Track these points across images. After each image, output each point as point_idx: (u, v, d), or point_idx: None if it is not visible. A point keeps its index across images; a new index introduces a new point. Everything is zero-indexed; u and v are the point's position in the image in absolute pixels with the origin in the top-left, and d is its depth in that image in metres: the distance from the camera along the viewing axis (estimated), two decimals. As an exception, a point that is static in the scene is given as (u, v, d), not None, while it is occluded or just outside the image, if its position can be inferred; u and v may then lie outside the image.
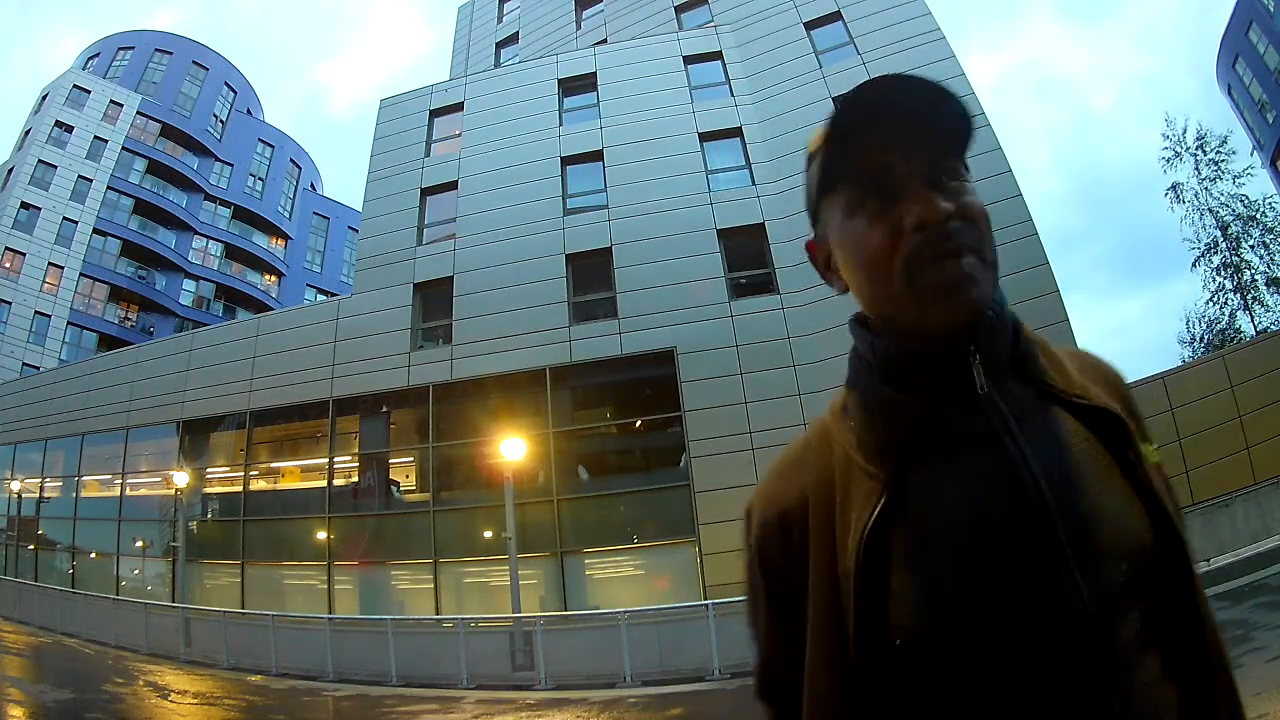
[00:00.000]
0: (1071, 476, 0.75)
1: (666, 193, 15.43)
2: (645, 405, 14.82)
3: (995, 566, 0.72)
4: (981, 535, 0.73)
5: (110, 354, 21.92)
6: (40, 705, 8.92)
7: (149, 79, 35.15)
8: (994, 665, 0.71)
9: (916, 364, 0.78)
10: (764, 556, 0.83)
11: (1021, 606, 0.70)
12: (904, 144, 0.76)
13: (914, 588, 0.72)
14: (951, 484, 0.75)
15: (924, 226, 0.74)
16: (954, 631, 0.71)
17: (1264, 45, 28.89)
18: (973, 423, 0.76)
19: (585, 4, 23.24)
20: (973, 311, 0.75)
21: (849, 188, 0.79)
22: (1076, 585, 0.71)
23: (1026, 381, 0.80)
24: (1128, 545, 0.74)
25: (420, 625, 12.76)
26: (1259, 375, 12.58)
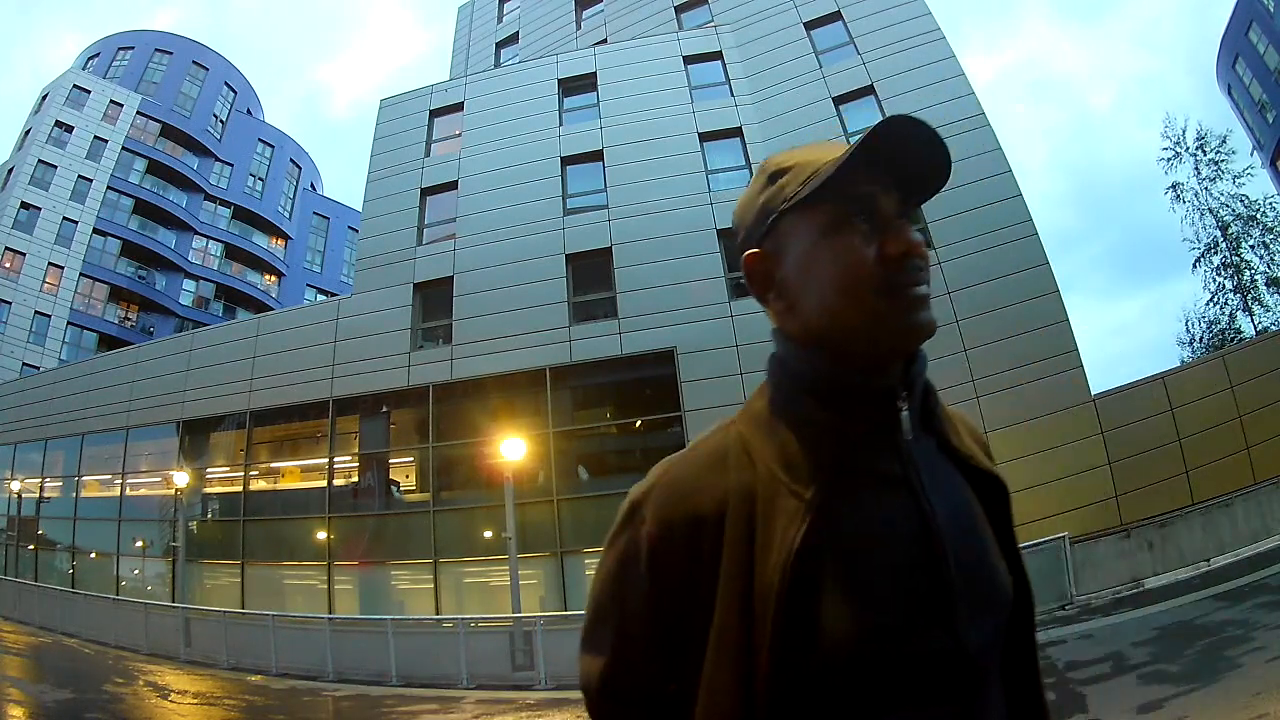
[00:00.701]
0: (964, 529, 0.83)
1: (666, 193, 15.43)
2: (645, 405, 14.82)
3: (905, 603, 0.77)
4: (895, 572, 0.77)
5: (110, 354, 21.92)
6: (40, 705, 8.92)
7: (149, 79, 35.15)
8: (893, 693, 0.76)
9: (852, 394, 0.82)
10: (660, 555, 0.80)
11: (923, 642, 0.76)
12: (897, 180, 0.81)
13: (839, 613, 0.74)
14: (871, 518, 0.79)
15: (905, 256, 0.79)
16: (869, 658, 0.74)
17: (1264, 45, 28.88)
18: (892, 464, 0.81)
19: (585, 4, 23.24)
20: (930, 328, 0.81)
21: (832, 208, 0.81)
22: (965, 627, 0.78)
23: (932, 434, 0.87)
24: (1001, 597, 0.84)
25: (420, 625, 12.75)
26: (1259, 375, 12.58)
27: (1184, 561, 11.12)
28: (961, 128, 14.80)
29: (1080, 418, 12.52)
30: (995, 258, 13.51)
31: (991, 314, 13.21)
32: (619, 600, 0.84)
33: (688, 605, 0.79)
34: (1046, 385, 12.71)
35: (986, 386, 12.90)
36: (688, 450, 0.87)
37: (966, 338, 13.18)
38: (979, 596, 0.81)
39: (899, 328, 0.80)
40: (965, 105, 15.06)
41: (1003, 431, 12.59)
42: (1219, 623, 7.78)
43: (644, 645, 0.83)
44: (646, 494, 0.85)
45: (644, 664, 0.83)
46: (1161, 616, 8.85)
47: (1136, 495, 12.03)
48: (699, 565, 0.78)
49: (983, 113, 14.96)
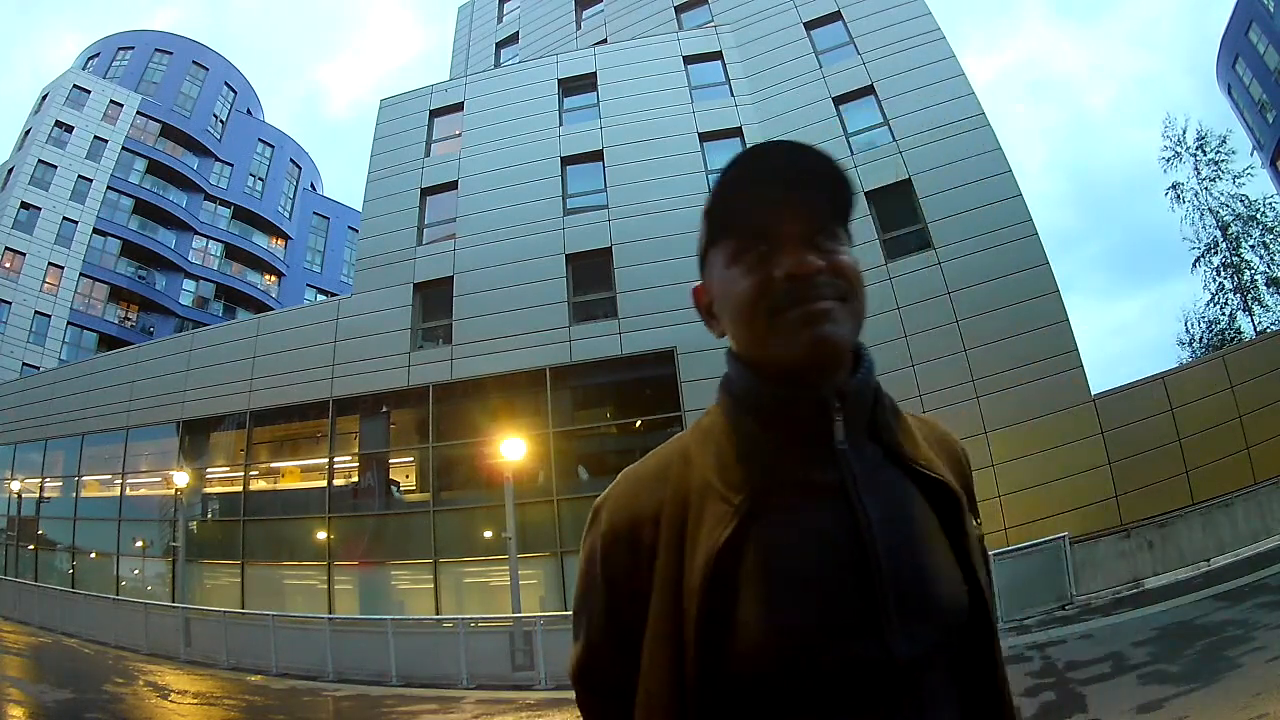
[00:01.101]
0: (903, 537, 0.82)
1: (666, 193, 15.42)
2: (645, 405, 14.82)
3: (827, 609, 0.78)
4: (818, 578, 0.79)
5: (110, 354, 21.92)
6: (40, 705, 8.92)
7: (149, 79, 35.14)
8: (813, 698, 0.78)
9: (784, 408, 0.85)
10: (609, 555, 0.87)
11: (845, 649, 0.77)
12: (786, 205, 0.84)
13: (755, 614, 0.78)
14: (799, 525, 0.81)
15: (793, 279, 0.82)
16: (785, 661, 0.77)
17: (1264, 45, 28.88)
18: (825, 472, 0.83)
19: (585, 4, 23.24)
20: (831, 346, 0.82)
21: (733, 239, 0.87)
22: (895, 636, 0.78)
23: (879, 443, 0.88)
24: (943, 606, 0.82)
25: (420, 625, 12.75)
26: (1259, 375, 12.58)
27: (1184, 561, 11.12)
28: (961, 128, 14.82)
29: (1080, 418, 12.52)
30: (995, 258, 13.51)
31: (991, 314, 13.21)
32: (587, 597, 0.92)
33: (633, 602, 0.85)
34: (1046, 385, 12.71)
35: (986, 386, 12.90)
36: (642, 460, 0.93)
37: (966, 338, 13.18)
38: (914, 605, 0.79)
39: (790, 347, 0.82)
40: (965, 105, 15.06)
41: (1003, 431, 12.60)
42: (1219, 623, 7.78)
43: (604, 639, 0.90)
44: (605, 500, 0.91)
45: (607, 657, 0.89)
46: (1161, 616, 8.85)
47: (1136, 495, 12.03)
48: (639, 565, 0.85)
49: (983, 113, 14.96)
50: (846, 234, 0.88)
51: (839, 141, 15.55)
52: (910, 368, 13.13)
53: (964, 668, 0.85)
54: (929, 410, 12.84)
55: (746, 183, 0.85)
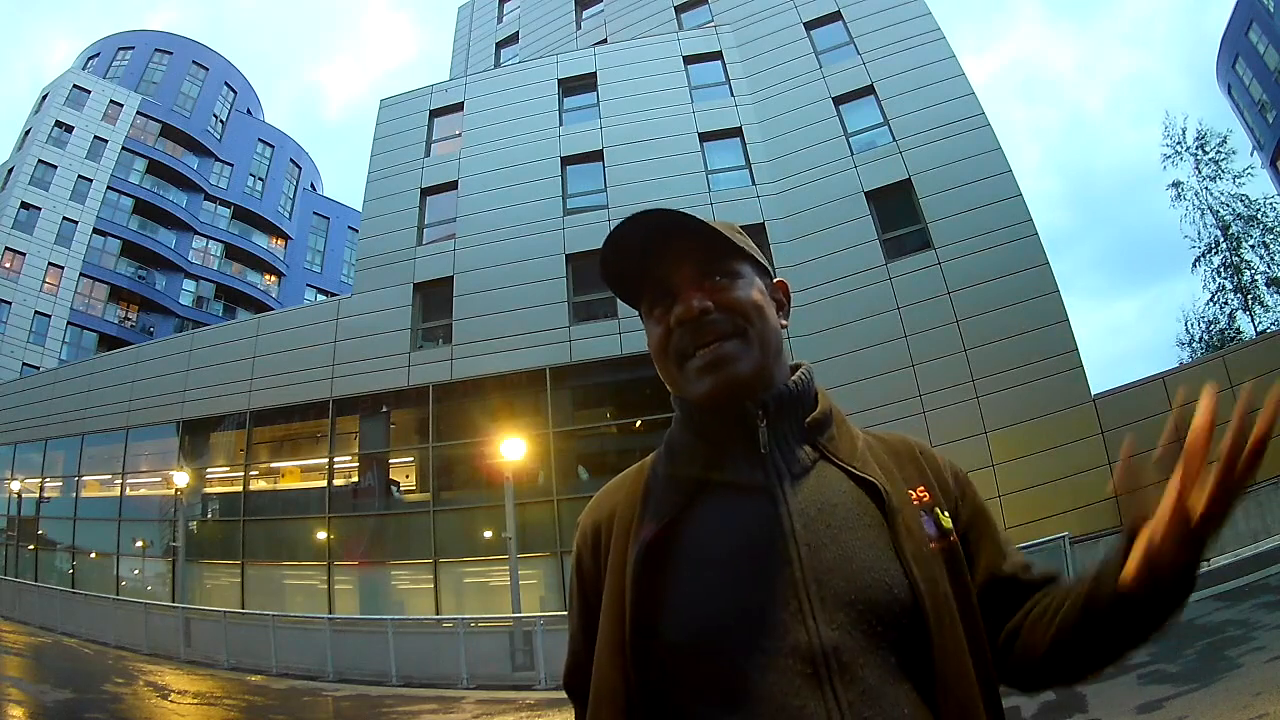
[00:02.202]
0: (828, 530, 0.88)
1: (666, 193, 15.41)
2: (645, 405, 14.80)
3: (746, 594, 0.85)
4: (740, 569, 0.86)
5: (110, 354, 21.91)
6: (40, 705, 8.92)
7: (149, 79, 35.14)
8: (735, 679, 0.83)
9: (714, 422, 0.94)
10: (580, 558, 1.01)
11: (763, 632, 0.83)
12: (666, 259, 0.95)
13: (681, 596, 0.87)
14: (724, 520, 0.90)
15: (682, 324, 0.93)
16: (707, 642, 0.85)
17: (1264, 45, 28.88)
18: (754, 475, 0.91)
19: (585, 4, 23.24)
20: (732, 384, 0.91)
21: (647, 298, 0.99)
22: (813, 621, 0.83)
23: (813, 446, 0.95)
24: (871, 596, 0.85)
25: (420, 625, 12.75)
26: (1259, 375, 12.55)
27: (1184, 561, 11.10)
28: (961, 128, 14.81)
29: (1080, 418, 12.52)
30: (995, 258, 13.50)
31: (991, 314, 13.21)
32: (570, 603, 1.04)
33: (596, 598, 0.96)
34: (1046, 385, 12.70)
35: (986, 386, 12.90)
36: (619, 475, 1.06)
37: (966, 338, 13.18)
38: (839, 594, 0.84)
39: (697, 391, 0.93)
40: (965, 105, 15.06)
41: (1003, 431, 12.60)
42: (1219, 623, 7.78)
43: (581, 640, 0.99)
44: (584, 511, 1.05)
45: (584, 656, 0.98)
46: (1161, 616, 8.82)
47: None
48: (599, 562, 0.97)
49: (982, 113, 14.95)
50: (753, 266, 0.99)
51: (839, 141, 15.55)
52: (910, 368, 13.12)
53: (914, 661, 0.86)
54: (929, 410, 12.86)
55: (618, 258, 0.97)
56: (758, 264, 1.00)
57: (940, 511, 0.94)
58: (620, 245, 0.95)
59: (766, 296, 0.99)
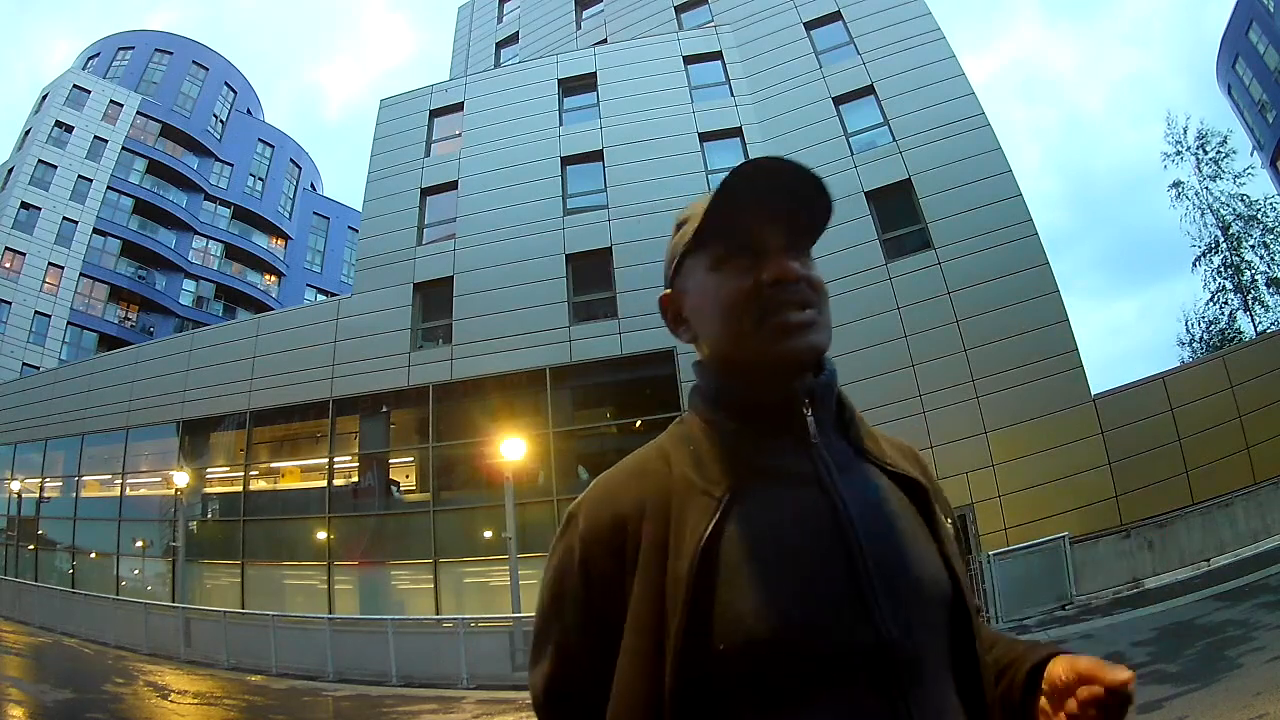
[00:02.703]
0: (882, 524, 0.85)
1: (666, 193, 15.42)
2: (645, 405, 14.81)
3: (814, 592, 0.80)
4: (803, 563, 0.81)
5: (110, 354, 21.92)
6: (40, 705, 8.92)
7: (149, 79, 35.13)
8: (802, 682, 0.78)
9: (760, 405, 0.89)
10: (588, 556, 0.87)
11: (834, 632, 0.79)
12: (772, 217, 0.89)
13: (744, 599, 0.79)
14: (780, 513, 0.84)
15: (779, 282, 0.87)
16: (775, 644, 0.78)
17: (1264, 45, 28.87)
18: (801, 465, 0.87)
19: (585, 4, 23.24)
20: (810, 351, 0.87)
21: (718, 246, 0.91)
22: (883, 619, 0.79)
23: (847, 441, 0.92)
24: (928, 591, 0.84)
25: (420, 625, 12.75)
26: (1259, 375, 12.58)
27: (1184, 561, 11.13)
28: (961, 128, 14.81)
29: (1080, 418, 12.52)
30: (995, 258, 13.50)
31: (991, 314, 13.20)
32: (558, 608, 0.90)
33: (614, 603, 0.84)
34: (1046, 385, 12.70)
35: (986, 386, 12.89)
36: (616, 465, 0.94)
37: (966, 338, 13.18)
38: (899, 589, 0.82)
39: (772, 353, 0.87)
40: (965, 105, 15.05)
41: (1003, 431, 12.60)
42: (1219, 623, 7.78)
43: (582, 648, 0.87)
44: (580, 504, 0.92)
45: (585, 666, 0.87)
46: (1161, 616, 8.86)
47: (1136, 495, 12.03)
48: (621, 564, 0.85)
49: (982, 113, 14.95)
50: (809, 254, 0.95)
51: (839, 142, 15.55)
52: (910, 368, 13.12)
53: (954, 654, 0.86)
54: (929, 410, 12.86)
55: (743, 193, 0.88)
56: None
57: (943, 517, 0.95)
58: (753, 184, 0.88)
59: None
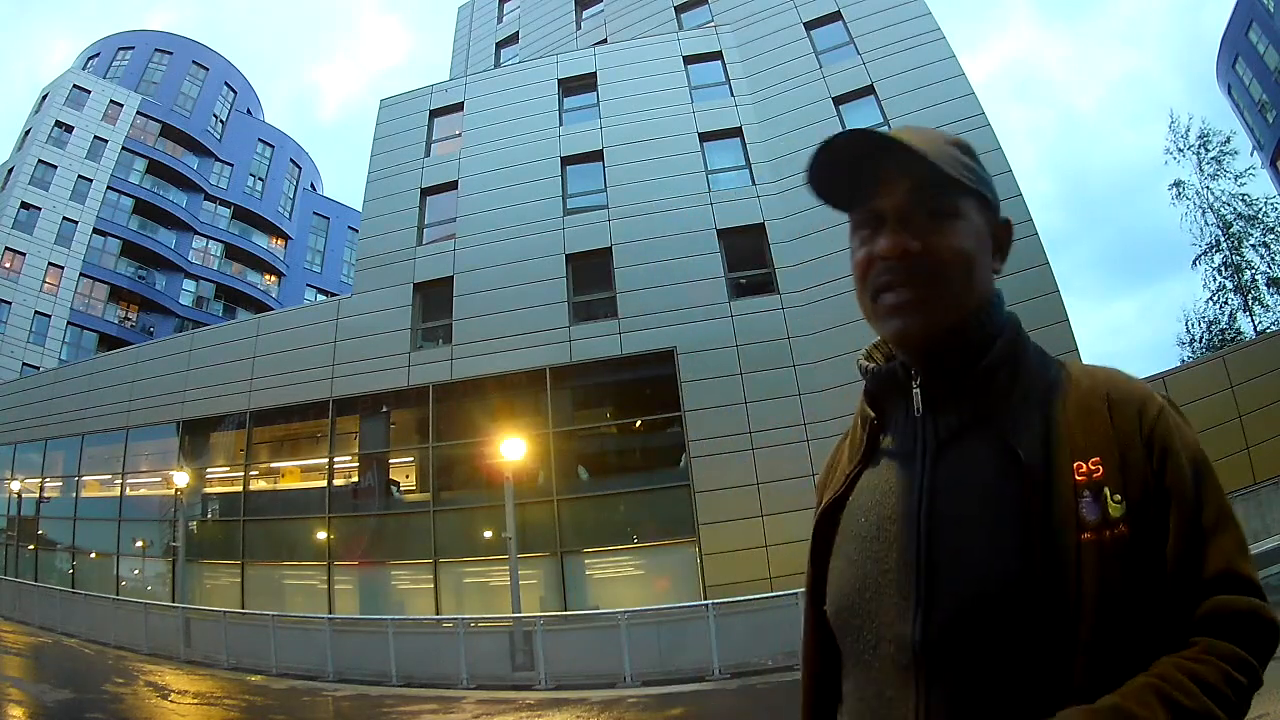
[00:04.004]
0: (956, 511, 0.80)
1: (666, 193, 15.42)
2: (645, 405, 14.81)
3: (871, 574, 0.84)
4: (873, 547, 0.85)
5: (110, 354, 21.92)
6: (40, 705, 8.92)
7: (149, 79, 35.13)
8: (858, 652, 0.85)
9: (880, 381, 0.92)
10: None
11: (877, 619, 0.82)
12: (880, 182, 0.87)
13: (834, 570, 0.91)
14: (874, 492, 0.89)
15: (886, 258, 0.85)
16: (839, 617, 0.88)
17: (1264, 45, 28.87)
18: (905, 442, 0.88)
19: (585, 4, 23.23)
20: (906, 334, 0.86)
21: (856, 212, 0.92)
22: (918, 614, 0.78)
23: (974, 407, 0.85)
24: (987, 590, 0.75)
25: (420, 625, 12.75)
26: (1259, 375, 12.57)
27: (1184, 561, 11.11)
28: (962, 128, 14.77)
29: (1080, 418, 12.51)
30: (995, 258, 13.48)
31: (991, 314, 13.19)
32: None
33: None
34: (1046, 385, 12.69)
35: (986, 386, 12.88)
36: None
37: (966, 338, 13.17)
38: (948, 586, 0.77)
39: (883, 325, 0.88)
40: (965, 105, 15.05)
41: (1003, 431, 12.58)
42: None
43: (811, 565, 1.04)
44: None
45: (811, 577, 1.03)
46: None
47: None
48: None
49: (983, 113, 14.96)
50: (976, 201, 0.89)
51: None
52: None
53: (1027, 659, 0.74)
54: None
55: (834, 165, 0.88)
56: (981, 197, 0.90)
57: (1110, 493, 0.77)
58: (828, 161, 0.87)
59: (983, 240, 0.90)
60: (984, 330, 0.87)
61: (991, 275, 0.92)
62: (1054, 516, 0.76)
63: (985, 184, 0.92)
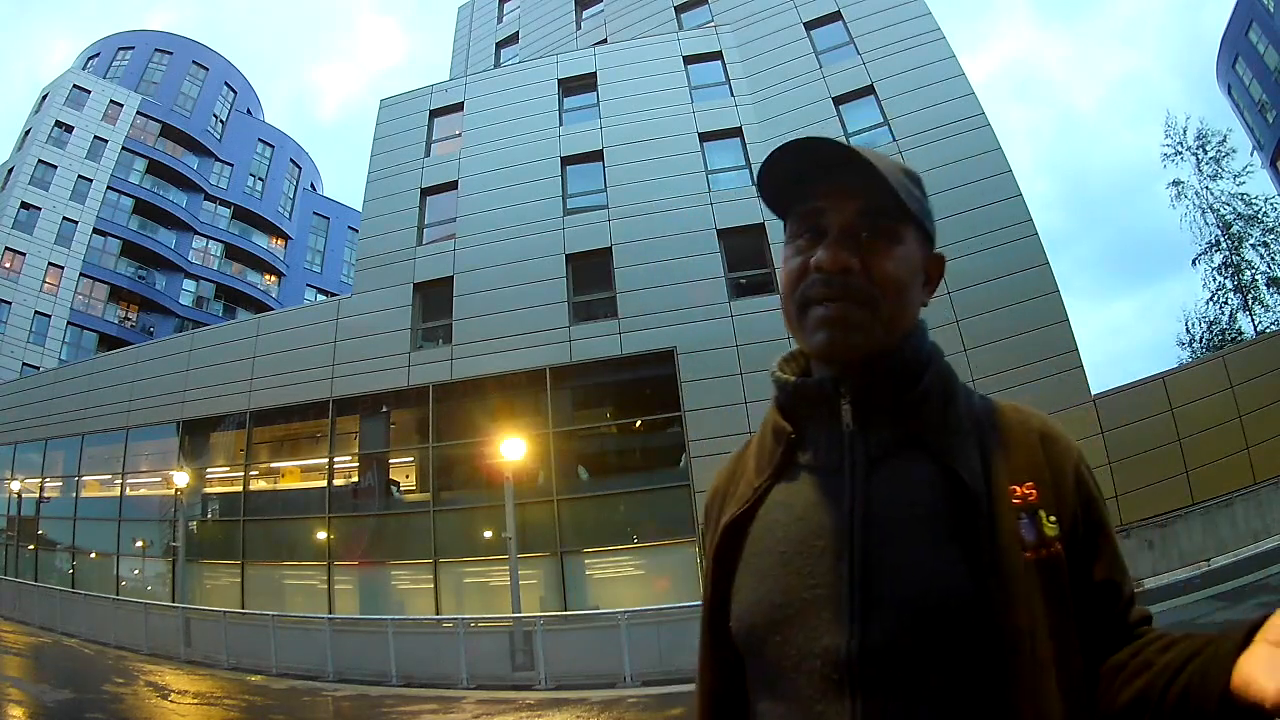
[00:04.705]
0: (893, 528, 0.80)
1: (666, 193, 15.42)
2: (645, 405, 14.81)
3: (797, 588, 0.82)
4: (795, 561, 0.83)
5: (110, 354, 21.91)
6: (40, 705, 8.92)
7: (149, 79, 35.13)
8: (775, 676, 0.82)
9: (802, 395, 0.89)
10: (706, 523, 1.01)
11: (802, 633, 0.80)
12: (826, 195, 0.87)
13: (744, 585, 0.87)
14: (793, 506, 0.86)
15: (820, 271, 0.84)
16: (756, 633, 0.84)
17: (1264, 45, 28.88)
18: (831, 456, 0.86)
19: (585, 4, 23.23)
20: (840, 350, 0.85)
21: (793, 220, 0.91)
22: (853, 629, 0.77)
23: (906, 428, 0.85)
24: (930, 606, 0.76)
25: (420, 625, 12.75)
26: (1259, 375, 12.58)
27: (1184, 561, 11.14)
28: (961, 128, 14.81)
29: (1080, 418, 12.51)
30: (995, 258, 13.50)
31: (991, 314, 13.21)
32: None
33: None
34: (1046, 385, 12.70)
35: (986, 386, 12.78)
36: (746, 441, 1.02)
37: (966, 338, 13.18)
38: (889, 601, 0.77)
39: (809, 343, 0.87)
40: (965, 105, 15.06)
41: (1003, 431, 12.58)
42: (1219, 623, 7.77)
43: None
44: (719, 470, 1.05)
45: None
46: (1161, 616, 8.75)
47: (1136, 495, 12.03)
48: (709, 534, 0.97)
49: (983, 112, 14.96)
50: (917, 231, 0.89)
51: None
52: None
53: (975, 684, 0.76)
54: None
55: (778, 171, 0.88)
56: (922, 229, 0.90)
57: (1045, 515, 0.81)
58: (776, 169, 0.87)
59: (917, 270, 0.89)
60: (914, 355, 0.88)
61: (919, 306, 0.91)
62: (1000, 536, 0.78)
63: (928, 216, 0.92)
